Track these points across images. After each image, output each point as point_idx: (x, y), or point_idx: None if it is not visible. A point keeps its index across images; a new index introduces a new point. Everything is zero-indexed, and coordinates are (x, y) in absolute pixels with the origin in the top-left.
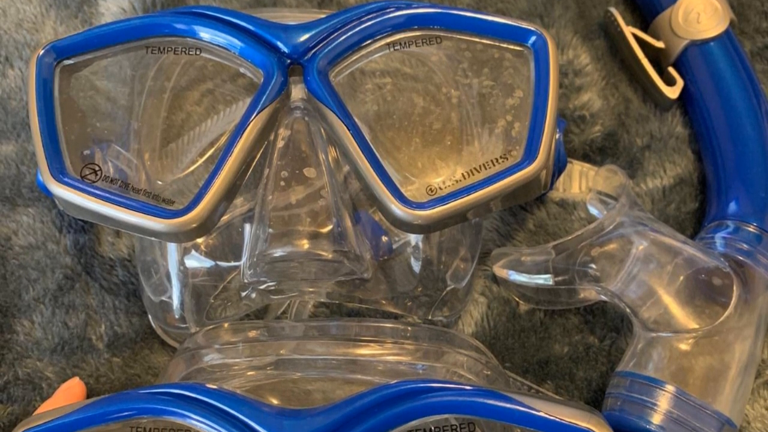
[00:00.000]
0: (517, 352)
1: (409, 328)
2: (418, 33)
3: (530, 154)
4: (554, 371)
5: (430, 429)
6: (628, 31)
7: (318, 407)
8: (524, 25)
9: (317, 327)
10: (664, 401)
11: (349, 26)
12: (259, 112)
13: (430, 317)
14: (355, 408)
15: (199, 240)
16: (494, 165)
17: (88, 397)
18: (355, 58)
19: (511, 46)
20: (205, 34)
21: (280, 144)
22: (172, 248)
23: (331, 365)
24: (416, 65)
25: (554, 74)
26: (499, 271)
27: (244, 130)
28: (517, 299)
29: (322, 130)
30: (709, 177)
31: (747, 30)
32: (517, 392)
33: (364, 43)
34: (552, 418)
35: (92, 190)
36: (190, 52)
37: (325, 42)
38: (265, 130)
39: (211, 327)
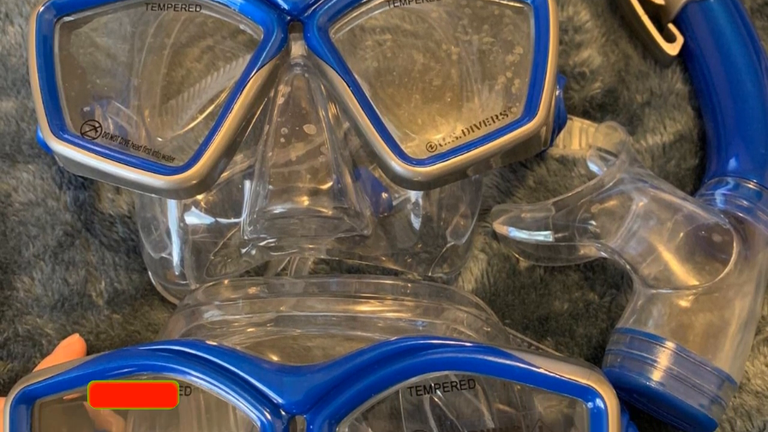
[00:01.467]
0: (517, 309)
1: (409, 285)
2: None
3: (530, 111)
4: (554, 328)
5: (430, 386)
6: None
7: (318, 364)
8: None
9: (317, 284)
10: (664, 358)
11: None
12: (259, 69)
13: (430, 274)
14: (355, 364)
15: (199, 196)
16: (494, 121)
17: (88, 353)
18: (355, 14)
19: (511, 3)
20: None
21: (280, 100)
22: (172, 205)
23: (331, 322)
24: (416, 22)
25: (554, 31)
26: (499, 227)
27: (244, 87)
28: (517, 256)
29: (322, 87)
30: (709, 133)
31: None
32: (517, 349)
33: (364, 0)
34: (552, 374)
35: (92, 146)
36: (190, 9)
37: None
38: (265, 87)
39: (211, 283)
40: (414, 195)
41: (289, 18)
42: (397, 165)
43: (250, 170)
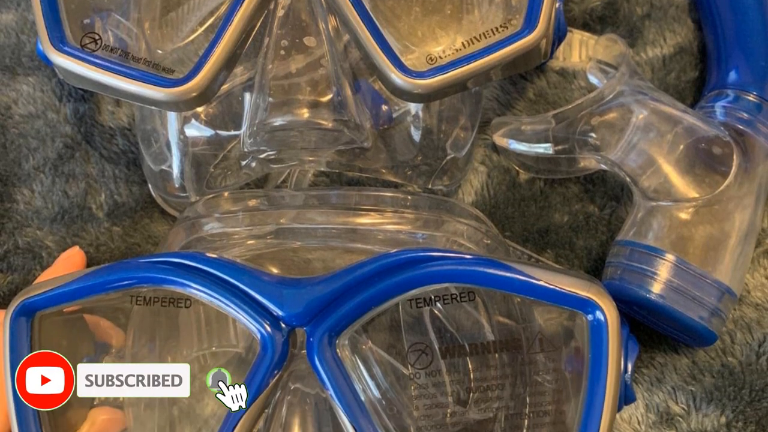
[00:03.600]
0: (517, 221)
1: (409, 197)
2: None
3: (530, 23)
4: (554, 240)
5: (430, 298)
6: None
7: (318, 276)
8: None
9: (317, 196)
10: (664, 270)
11: None
12: None
13: (430, 186)
14: (356, 277)
15: (199, 109)
16: (494, 34)
17: (88, 266)
18: None
19: None
20: None
21: (280, 13)
22: (172, 117)
23: (331, 234)
24: None
25: None
26: (499, 140)
27: None
28: (517, 168)
29: None
30: (709, 46)
31: None
32: (517, 261)
33: None
34: (552, 287)
35: (92, 59)
36: None
37: None
38: None
39: (211, 196)
40: (414, 107)
41: None
42: (397, 77)
43: (250, 83)
